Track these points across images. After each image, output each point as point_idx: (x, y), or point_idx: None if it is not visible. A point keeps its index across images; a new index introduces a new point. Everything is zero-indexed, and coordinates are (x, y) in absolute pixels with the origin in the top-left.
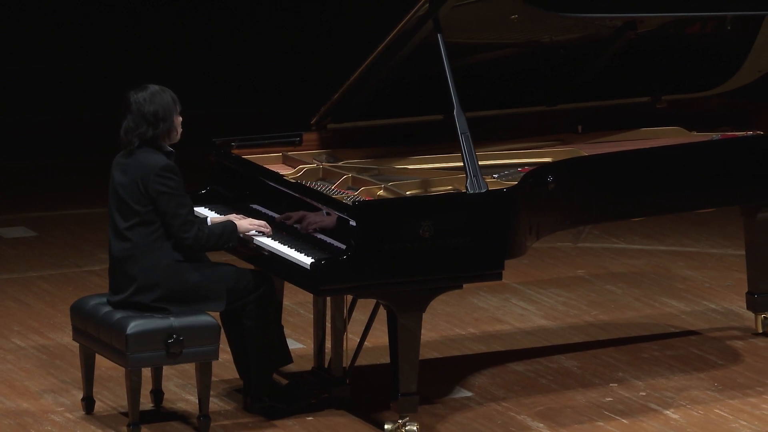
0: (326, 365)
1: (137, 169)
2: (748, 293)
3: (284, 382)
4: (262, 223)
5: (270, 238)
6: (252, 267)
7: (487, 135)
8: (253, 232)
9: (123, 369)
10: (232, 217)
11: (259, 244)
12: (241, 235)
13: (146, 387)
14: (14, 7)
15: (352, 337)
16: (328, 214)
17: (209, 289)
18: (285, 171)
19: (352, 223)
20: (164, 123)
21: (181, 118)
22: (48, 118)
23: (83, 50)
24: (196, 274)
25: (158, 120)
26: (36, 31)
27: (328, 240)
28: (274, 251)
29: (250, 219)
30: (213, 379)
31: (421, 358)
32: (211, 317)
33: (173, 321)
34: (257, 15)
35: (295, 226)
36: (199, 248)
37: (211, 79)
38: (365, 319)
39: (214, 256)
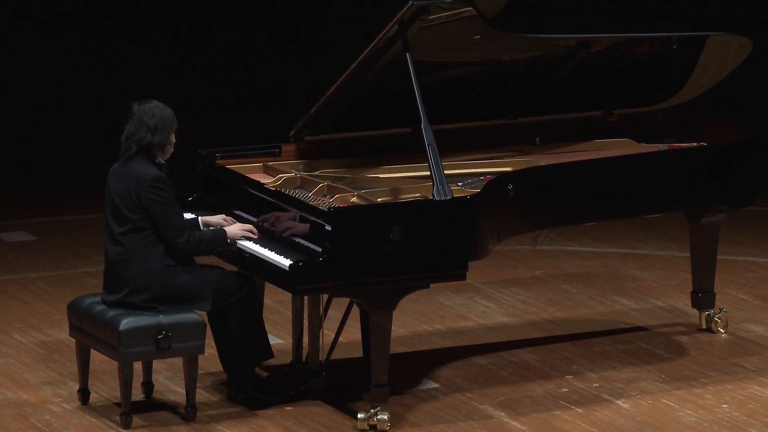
0: (304, 359)
1: (131, 180)
2: (692, 292)
3: (265, 374)
4: (251, 227)
5: (252, 242)
6: (236, 268)
7: (452, 146)
8: (241, 239)
9: (116, 363)
10: (220, 219)
11: (242, 247)
12: (229, 241)
13: (137, 379)
14: (14, 16)
15: (327, 333)
16: (305, 219)
17: (196, 291)
18: (266, 180)
19: (328, 227)
20: (162, 133)
21: (174, 137)
22: (47, 129)
23: (81, 63)
24: (184, 278)
25: (157, 129)
26: (35, 39)
27: (306, 243)
28: (256, 254)
29: (239, 224)
30: (199, 372)
31: (391, 352)
32: (197, 315)
33: (162, 318)
34: (250, 38)
35: (274, 230)
36: (190, 252)
37: (201, 93)
38: (340, 316)
39: (201, 259)
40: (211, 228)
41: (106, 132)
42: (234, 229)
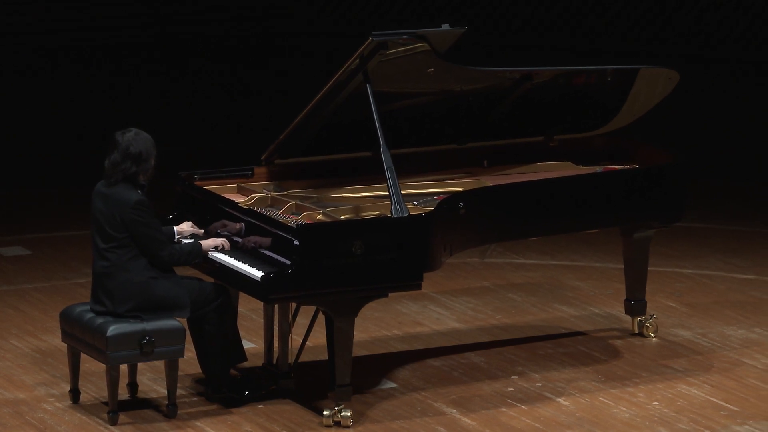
0: (274, 361)
1: (115, 204)
2: (626, 300)
3: (239, 375)
4: (223, 240)
5: (227, 255)
6: (213, 280)
7: (408, 168)
8: (213, 250)
9: (104, 365)
10: (188, 225)
11: (218, 260)
12: (206, 252)
13: (123, 380)
14: (11, 46)
15: (296, 338)
16: (275, 235)
17: (176, 300)
18: (239, 199)
19: (296, 242)
20: (145, 163)
21: (154, 161)
22: (42, 153)
23: (74, 92)
24: (164, 288)
25: (140, 158)
26: (33, 66)
27: (276, 257)
28: (231, 266)
29: (213, 238)
30: (179, 373)
31: (353, 355)
32: (178, 322)
33: (146, 325)
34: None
35: (247, 245)
36: (173, 263)
37: (183, 120)
38: (307, 322)
39: (182, 270)
40: (189, 242)
41: (94, 156)
42: (208, 242)
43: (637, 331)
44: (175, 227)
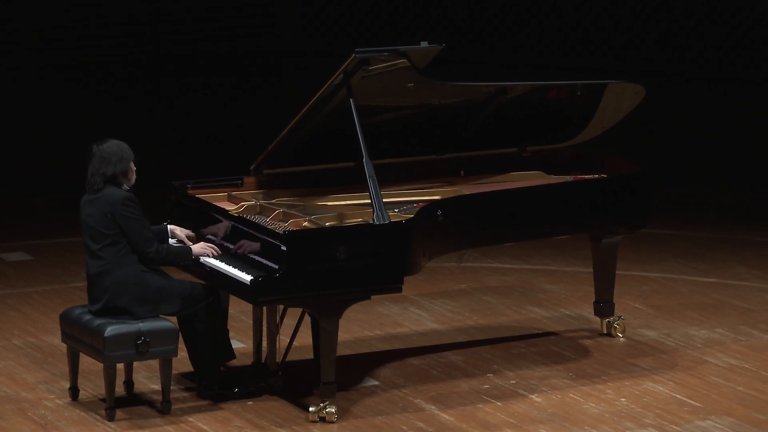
0: (263, 360)
1: (104, 203)
2: (595, 302)
3: (229, 373)
4: (213, 247)
5: (218, 260)
6: (203, 282)
7: (389, 178)
8: (205, 254)
9: (101, 364)
10: (185, 233)
11: (209, 265)
12: (194, 257)
13: (120, 378)
14: (16, 58)
15: (283, 338)
16: (264, 240)
17: (167, 293)
18: (230, 207)
19: (283, 248)
20: (122, 163)
21: (133, 165)
22: (41, 163)
23: (73, 109)
24: (157, 282)
25: (118, 161)
26: (37, 82)
27: (264, 261)
28: (222, 270)
29: (203, 243)
30: (173, 371)
31: (337, 354)
32: (171, 323)
33: (141, 326)
34: (212, 86)
35: (237, 250)
36: (159, 261)
37: (177, 133)
38: (294, 323)
39: (174, 273)
40: (178, 243)
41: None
42: (198, 247)
43: (605, 332)
44: (169, 226)
